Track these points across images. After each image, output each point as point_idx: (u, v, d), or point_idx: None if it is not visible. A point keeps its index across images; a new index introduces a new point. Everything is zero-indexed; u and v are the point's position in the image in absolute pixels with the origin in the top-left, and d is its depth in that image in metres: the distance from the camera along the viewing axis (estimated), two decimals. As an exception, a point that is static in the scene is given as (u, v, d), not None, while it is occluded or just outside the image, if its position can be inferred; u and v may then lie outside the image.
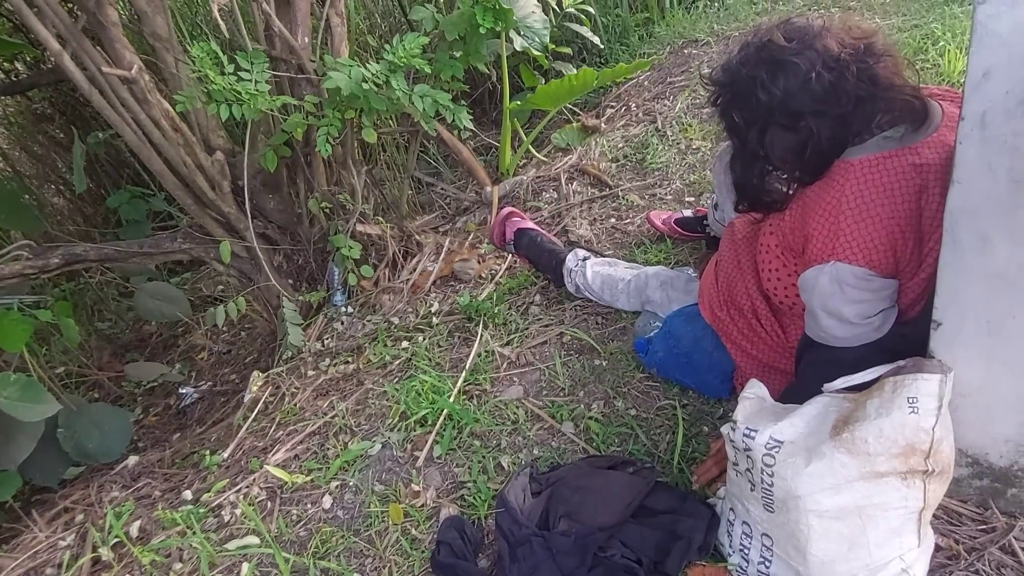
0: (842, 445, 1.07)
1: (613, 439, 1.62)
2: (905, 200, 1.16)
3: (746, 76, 1.21)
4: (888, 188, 1.17)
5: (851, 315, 1.21)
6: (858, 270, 1.17)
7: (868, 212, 1.17)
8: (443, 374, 1.93)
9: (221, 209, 2.25)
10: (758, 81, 1.20)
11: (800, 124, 1.20)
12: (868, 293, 1.19)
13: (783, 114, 1.20)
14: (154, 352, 3.02)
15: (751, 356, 1.53)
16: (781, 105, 1.19)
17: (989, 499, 1.28)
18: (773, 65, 1.18)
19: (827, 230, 1.20)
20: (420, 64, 2.01)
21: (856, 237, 1.17)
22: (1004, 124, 0.97)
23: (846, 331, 1.23)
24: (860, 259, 1.17)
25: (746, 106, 1.23)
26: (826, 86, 1.16)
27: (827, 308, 1.23)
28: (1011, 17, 0.91)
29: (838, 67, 1.15)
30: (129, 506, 1.83)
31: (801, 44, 1.17)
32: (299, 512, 1.64)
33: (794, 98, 1.18)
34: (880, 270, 1.18)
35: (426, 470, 1.66)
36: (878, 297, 1.20)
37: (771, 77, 1.18)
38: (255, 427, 2.01)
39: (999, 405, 1.18)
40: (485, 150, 3.34)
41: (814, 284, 1.23)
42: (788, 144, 1.24)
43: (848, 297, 1.20)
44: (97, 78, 1.97)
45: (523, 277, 2.23)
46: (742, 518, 1.23)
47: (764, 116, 1.22)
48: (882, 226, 1.16)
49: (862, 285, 1.18)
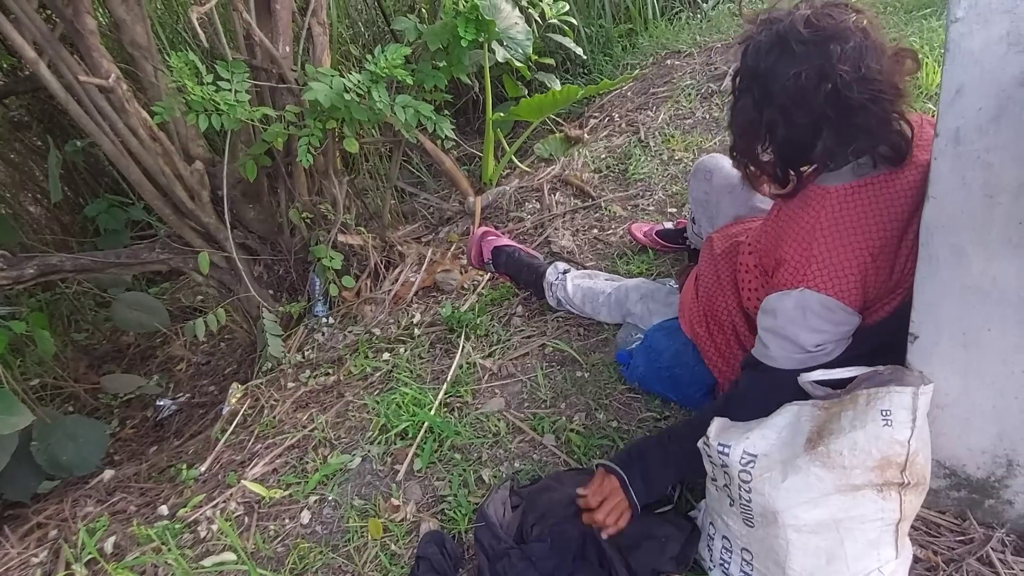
0: (817, 459, 1.07)
1: (594, 451, 1.62)
2: (880, 228, 1.15)
3: (755, 32, 1.19)
4: (863, 217, 1.16)
5: (808, 343, 1.18)
6: (826, 299, 1.15)
7: (842, 241, 1.15)
8: (424, 386, 1.92)
9: (200, 219, 2.23)
10: (757, 43, 1.17)
11: (765, 108, 1.18)
12: (830, 325, 1.17)
13: (758, 88, 1.19)
14: (131, 363, 2.98)
15: (731, 370, 1.53)
16: (759, 79, 1.18)
17: (967, 510, 1.29)
18: (777, 38, 1.15)
19: (800, 256, 1.18)
20: (402, 75, 2.00)
21: (828, 266, 1.15)
22: (977, 140, 0.98)
23: (797, 358, 1.21)
24: (830, 288, 1.15)
25: (743, 60, 1.22)
26: (799, 89, 1.13)
27: (784, 332, 1.20)
28: (983, 35, 0.92)
29: (829, 80, 1.11)
30: (104, 521, 1.80)
31: (817, 37, 1.12)
32: (277, 527, 1.62)
33: (770, 80, 1.16)
34: (848, 302, 1.16)
35: (406, 484, 1.64)
36: (838, 331, 1.18)
37: (766, 48, 1.16)
38: (233, 440, 1.98)
39: (976, 417, 1.18)
40: (468, 160, 3.34)
41: (776, 307, 1.20)
42: (747, 119, 1.23)
43: (809, 325, 1.17)
44: (74, 87, 1.95)
45: (505, 288, 2.23)
46: (722, 532, 1.22)
47: (746, 80, 1.22)
48: (855, 257, 1.15)
49: (826, 315, 1.16)
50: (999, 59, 0.93)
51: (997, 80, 0.94)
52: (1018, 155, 0.96)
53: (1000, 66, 0.93)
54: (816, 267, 1.16)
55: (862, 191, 1.17)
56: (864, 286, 1.16)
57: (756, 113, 1.20)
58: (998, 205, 1.00)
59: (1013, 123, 0.95)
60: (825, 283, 1.15)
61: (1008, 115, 0.95)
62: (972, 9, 0.92)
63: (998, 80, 0.94)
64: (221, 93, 1.87)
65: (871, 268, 1.15)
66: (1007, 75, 0.93)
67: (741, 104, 1.24)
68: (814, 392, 1.21)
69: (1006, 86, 0.93)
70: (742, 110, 1.24)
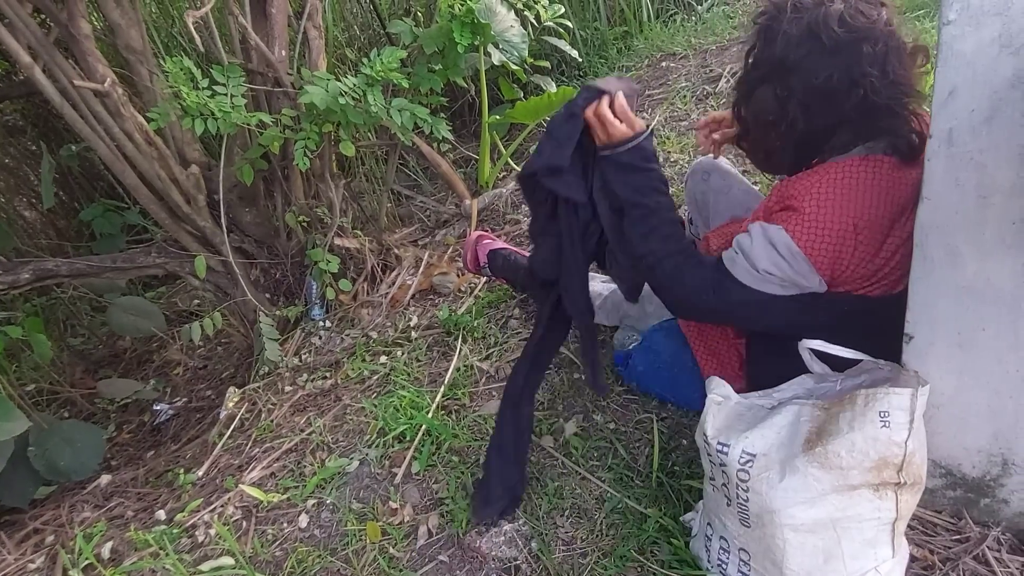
0: (815, 459, 1.07)
1: (592, 453, 1.62)
2: (871, 204, 1.16)
3: (782, 17, 1.18)
4: (858, 188, 1.17)
5: (759, 265, 1.21)
6: (793, 246, 1.17)
7: (831, 204, 1.17)
8: (422, 389, 1.92)
9: (196, 223, 2.22)
10: (787, 34, 1.16)
11: (788, 102, 1.19)
12: (786, 268, 1.19)
13: (781, 81, 1.19)
14: (128, 368, 2.97)
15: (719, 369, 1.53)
16: (785, 71, 1.18)
17: (963, 509, 1.29)
18: (808, 32, 1.14)
19: (792, 208, 1.20)
20: (398, 78, 2.01)
21: (810, 221, 1.17)
22: (970, 141, 0.98)
23: (745, 270, 1.23)
24: (802, 240, 1.17)
25: (767, 47, 1.21)
26: (829, 91, 1.14)
27: (748, 249, 1.23)
28: (975, 37, 0.93)
29: (860, 86, 1.13)
30: (101, 527, 1.79)
31: (851, 36, 1.12)
32: (275, 532, 1.62)
33: (797, 76, 1.16)
34: (813, 259, 1.17)
35: (404, 487, 1.64)
36: (791, 277, 1.20)
37: (796, 41, 1.15)
38: (231, 444, 1.98)
39: (971, 416, 1.19)
40: (464, 162, 3.34)
41: (753, 231, 1.23)
42: (766, 109, 1.23)
43: (769, 256, 1.20)
44: (69, 91, 1.95)
45: (502, 291, 2.23)
46: (719, 533, 1.23)
47: (769, 69, 1.21)
48: (838, 221, 1.16)
49: (788, 257, 1.18)
50: (991, 61, 0.93)
51: (989, 82, 0.94)
52: (1011, 156, 0.97)
53: (992, 68, 0.94)
54: (799, 219, 1.18)
55: (865, 165, 1.19)
56: (837, 252, 1.17)
57: (777, 105, 1.21)
58: (991, 206, 1.01)
59: (1006, 124, 0.95)
60: (801, 234, 1.17)
61: (1000, 116, 0.95)
62: (964, 12, 0.92)
63: (990, 82, 0.94)
64: (217, 98, 1.87)
65: (850, 238, 1.16)
66: (999, 77, 0.94)
67: (761, 93, 1.24)
68: (811, 365, 1.24)
69: (998, 88, 0.94)
70: (761, 100, 1.24)
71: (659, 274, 1.35)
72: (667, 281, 1.34)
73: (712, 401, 1.25)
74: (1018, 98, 0.94)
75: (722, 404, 1.26)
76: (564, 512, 1.49)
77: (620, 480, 1.54)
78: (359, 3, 3.75)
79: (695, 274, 1.30)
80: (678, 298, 1.35)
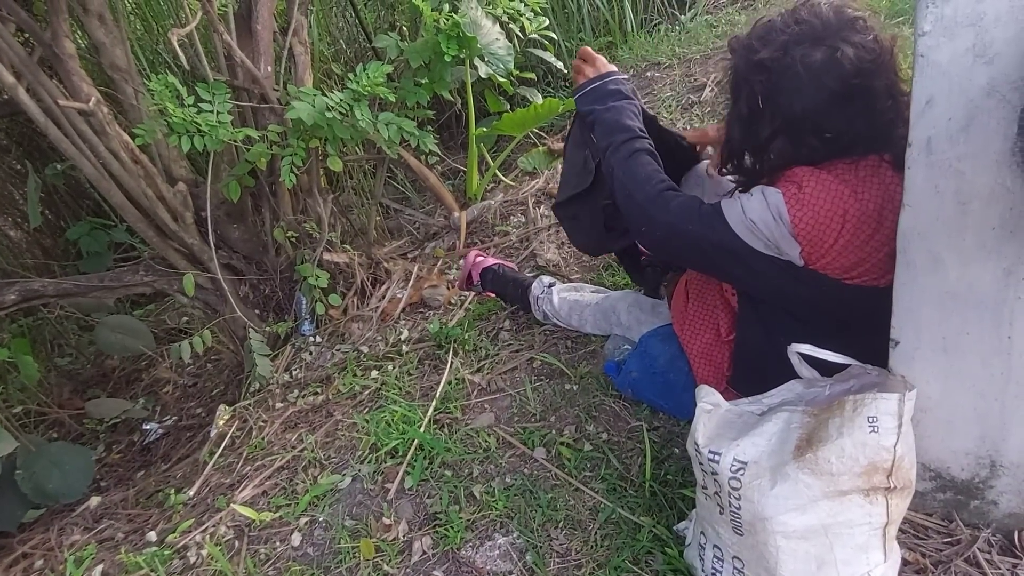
0: (806, 466, 1.08)
1: (585, 464, 1.62)
2: (867, 197, 1.19)
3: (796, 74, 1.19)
4: (851, 182, 1.20)
5: (748, 212, 1.24)
6: (784, 209, 1.20)
7: (830, 190, 1.19)
8: (413, 403, 1.92)
9: (184, 240, 2.22)
10: (800, 92, 1.18)
11: (803, 146, 1.23)
12: (772, 227, 1.22)
13: (796, 131, 1.22)
14: (117, 387, 2.95)
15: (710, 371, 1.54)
16: (803, 122, 1.20)
17: (953, 512, 1.30)
18: (822, 87, 1.17)
19: (795, 181, 1.22)
20: (384, 92, 2.01)
21: (807, 196, 1.19)
22: (949, 149, 1.00)
23: (736, 216, 1.26)
24: (793, 208, 1.19)
25: (777, 96, 1.22)
26: (846, 131, 1.19)
27: (744, 200, 1.26)
28: (949, 48, 0.94)
29: (873, 115, 1.18)
30: (91, 550, 1.77)
31: (864, 83, 1.16)
32: (267, 551, 1.61)
33: (818, 126, 1.20)
34: (796, 231, 1.20)
35: (397, 502, 1.63)
36: (772, 242, 1.23)
37: (813, 95, 1.18)
38: (222, 463, 1.97)
39: (958, 419, 1.20)
40: (452, 175, 3.35)
41: (755, 190, 1.26)
42: (783, 157, 1.26)
43: (759, 210, 1.22)
44: (54, 110, 1.95)
45: (492, 303, 2.23)
46: (713, 542, 1.23)
47: (783, 120, 1.23)
48: (830, 207, 1.18)
49: (776, 216, 1.21)
50: (966, 70, 0.95)
51: (965, 91, 0.96)
52: (988, 163, 0.99)
53: (967, 77, 0.95)
54: (797, 190, 1.20)
55: (866, 164, 1.22)
56: (820, 233, 1.19)
57: (794, 152, 1.24)
58: (971, 212, 1.02)
59: (982, 132, 0.97)
60: (794, 203, 1.20)
61: (977, 124, 0.97)
62: (939, 23, 0.94)
63: (966, 91, 0.96)
64: (203, 114, 1.87)
65: (836, 223, 1.19)
66: (974, 86, 0.95)
67: (778, 145, 1.26)
68: (799, 369, 1.25)
69: (974, 96, 0.96)
70: (780, 152, 1.26)
71: (639, 197, 1.37)
72: (648, 206, 1.36)
73: (702, 409, 1.26)
74: (993, 106, 0.95)
75: (712, 412, 1.26)
76: (558, 524, 1.49)
77: (613, 490, 1.54)
78: (345, 18, 3.77)
79: (681, 202, 1.33)
80: (658, 221, 1.35)
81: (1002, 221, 1.01)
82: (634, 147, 1.43)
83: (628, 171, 1.40)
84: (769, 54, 1.21)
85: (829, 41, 1.17)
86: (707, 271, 1.49)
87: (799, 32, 1.19)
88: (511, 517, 1.53)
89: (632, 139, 1.44)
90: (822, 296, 1.27)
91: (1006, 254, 1.03)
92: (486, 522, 1.53)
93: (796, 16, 1.22)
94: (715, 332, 1.53)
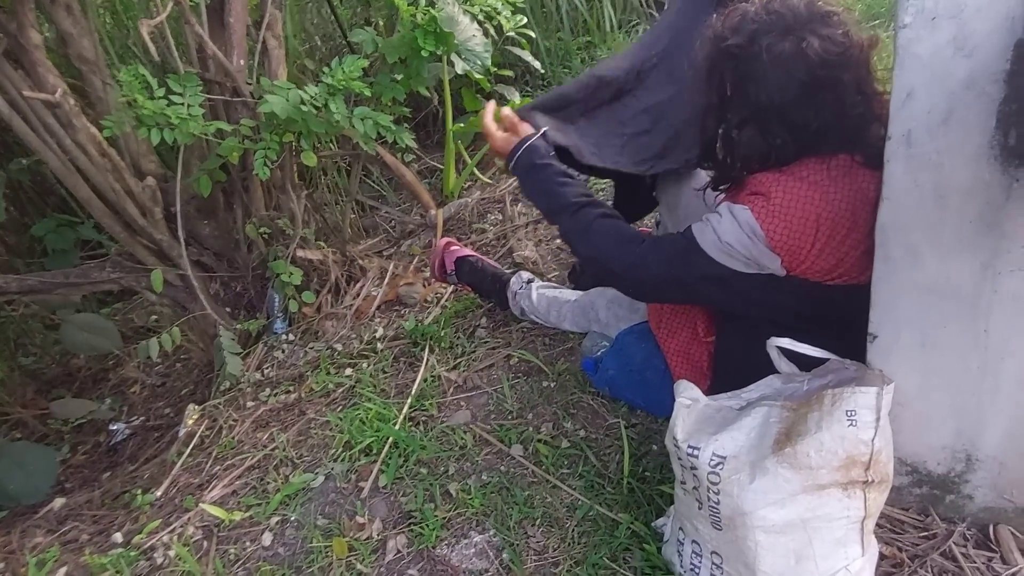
0: (785, 460, 1.07)
1: (563, 461, 1.61)
2: (837, 196, 1.19)
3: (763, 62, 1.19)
4: (826, 181, 1.20)
5: (722, 236, 1.24)
6: (756, 225, 1.20)
7: (798, 194, 1.19)
8: (388, 401, 1.88)
9: (153, 236, 2.16)
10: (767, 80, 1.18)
11: (771, 136, 1.22)
12: (749, 245, 1.21)
13: (762, 120, 1.22)
14: (83, 387, 2.87)
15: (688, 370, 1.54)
16: (768, 112, 1.20)
17: (929, 506, 1.31)
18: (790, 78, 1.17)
19: (761, 192, 1.22)
20: (360, 87, 1.98)
21: (776, 206, 1.19)
22: (928, 142, 1.00)
23: (709, 240, 1.26)
24: (764, 221, 1.19)
25: (743, 84, 1.22)
26: (811, 123, 1.18)
27: (715, 222, 1.25)
28: (930, 41, 0.94)
29: (840, 108, 1.18)
30: (54, 552, 1.72)
31: (831, 74, 1.16)
32: (237, 551, 1.56)
33: (783, 116, 1.19)
34: (772, 243, 1.20)
35: (371, 501, 1.60)
36: (752, 259, 1.23)
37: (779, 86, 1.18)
38: (190, 463, 1.92)
39: (935, 414, 1.21)
40: (429, 173, 3.32)
41: (723, 210, 1.26)
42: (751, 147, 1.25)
43: (732, 232, 1.22)
44: (19, 102, 1.89)
45: (469, 300, 2.21)
46: (691, 537, 1.22)
47: (750, 109, 1.23)
48: (801, 212, 1.18)
49: (749, 234, 1.21)
50: (946, 63, 0.95)
51: (945, 83, 0.96)
52: (966, 156, 0.99)
53: (947, 70, 0.96)
54: (765, 202, 1.20)
55: (832, 163, 1.21)
56: (797, 239, 1.19)
57: (762, 142, 1.23)
58: (949, 205, 1.03)
59: (961, 125, 0.97)
60: (764, 216, 1.20)
61: (956, 117, 0.97)
62: (920, 15, 0.94)
63: (946, 83, 0.96)
64: (173, 107, 1.82)
65: (811, 227, 1.18)
66: (954, 78, 0.96)
67: (746, 135, 1.25)
68: (778, 364, 1.24)
69: (954, 89, 0.96)
70: (748, 141, 1.25)
71: (617, 267, 1.37)
72: (628, 271, 1.36)
73: (681, 404, 1.25)
74: (972, 99, 0.96)
75: (691, 407, 1.25)
76: (535, 521, 1.48)
77: (591, 487, 1.53)
78: (320, 13, 3.72)
79: (656, 252, 1.33)
80: (643, 279, 1.36)
81: (980, 215, 1.01)
82: (584, 217, 1.42)
83: (592, 244, 1.41)
84: (737, 42, 1.21)
85: (797, 32, 1.17)
86: (689, 302, 1.49)
87: (768, 22, 1.20)
88: (487, 515, 1.51)
89: (577, 210, 1.42)
90: (806, 301, 1.27)
91: (983, 248, 1.04)
92: (462, 520, 1.51)
93: (768, 7, 1.22)
94: (692, 331, 1.53)
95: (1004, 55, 0.92)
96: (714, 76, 1.27)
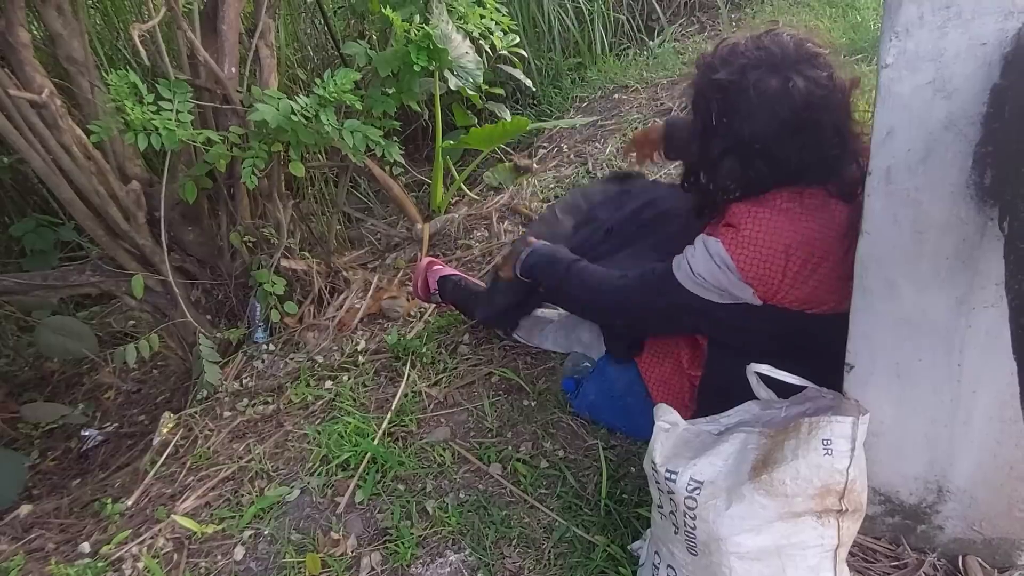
0: (761, 487, 1.08)
1: (541, 481, 1.60)
2: (808, 227, 1.22)
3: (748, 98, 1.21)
4: (792, 214, 1.23)
5: (695, 269, 1.29)
6: (727, 257, 1.24)
7: (767, 225, 1.23)
8: (368, 415, 1.87)
9: (135, 241, 2.15)
10: (752, 116, 1.21)
11: (751, 168, 1.25)
12: (721, 277, 1.25)
13: (744, 153, 1.24)
14: (55, 391, 2.82)
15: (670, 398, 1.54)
16: (751, 146, 1.23)
17: (901, 536, 1.32)
18: (774, 116, 1.20)
19: (733, 224, 1.26)
20: (351, 100, 1.99)
21: (745, 238, 1.23)
22: (907, 179, 1.02)
23: (685, 273, 1.31)
24: (735, 253, 1.23)
25: (729, 116, 1.24)
26: (790, 160, 1.22)
27: (689, 255, 1.30)
28: (911, 81, 0.97)
29: (820, 147, 1.21)
30: (18, 560, 1.68)
31: (813, 116, 1.20)
32: (208, 565, 1.54)
33: (765, 151, 1.22)
34: (743, 274, 1.23)
35: (347, 517, 1.59)
36: (725, 290, 1.27)
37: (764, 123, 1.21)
38: (163, 472, 1.89)
39: (908, 444, 1.22)
40: (417, 187, 3.33)
41: (697, 243, 1.30)
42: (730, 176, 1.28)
43: (705, 264, 1.27)
44: (4, 101, 1.87)
45: (452, 316, 2.21)
46: (667, 561, 1.22)
47: (734, 141, 1.25)
48: (772, 243, 1.22)
49: (721, 266, 1.24)
50: (926, 103, 0.98)
51: (924, 123, 0.99)
52: (944, 194, 1.01)
53: (927, 110, 0.98)
54: (736, 234, 1.25)
55: (804, 196, 1.25)
56: (767, 270, 1.23)
57: (741, 173, 1.26)
58: (927, 241, 1.05)
59: (939, 164, 1.00)
60: (735, 248, 1.24)
61: (935, 156, 0.99)
62: (901, 56, 0.96)
63: (925, 123, 0.98)
64: (161, 116, 1.82)
65: (780, 258, 1.22)
66: (933, 119, 0.98)
67: (727, 164, 1.27)
68: (757, 390, 1.26)
69: (933, 129, 0.98)
70: (728, 171, 1.28)
71: (606, 302, 1.48)
72: (619, 302, 1.45)
73: (660, 428, 1.26)
74: (951, 139, 0.98)
75: (670, 431, 1.26)
76: (511, 542, 1.47)
77: (568, 508, 1.53)
78: (313, 24, 3.73)
79: (638, 285, 1.41)
80: (628, 308, 1.45)
81: (956, 251, 1.04)
82: (575, 268, 1.55)
83: (582, 285, 1.52)
84: (726, 75, 1.24)
85: (785, 71, 1.20)
86: (674, 332, 1.54)
87: (758, 58, 1.22)
88: (464, 534, 1.50)
89: (569, 265, 1.56)
90: (787, 329, 1.29)
91: (959, 283, 1.06)
92: (438, 538, 1.50)
93: (759, 42, 1.24)
94: (676, 362, 1.53)
95: (981, 98, 0.95)
96: (701, 105, 1.30)
